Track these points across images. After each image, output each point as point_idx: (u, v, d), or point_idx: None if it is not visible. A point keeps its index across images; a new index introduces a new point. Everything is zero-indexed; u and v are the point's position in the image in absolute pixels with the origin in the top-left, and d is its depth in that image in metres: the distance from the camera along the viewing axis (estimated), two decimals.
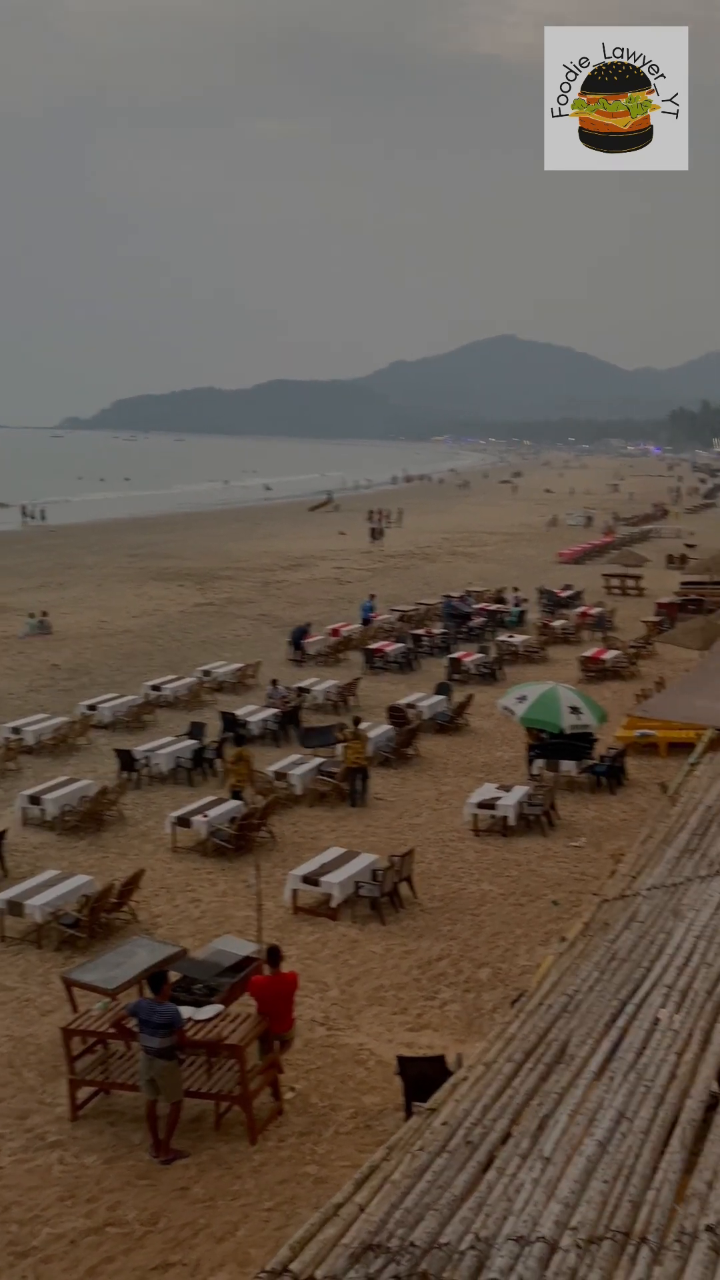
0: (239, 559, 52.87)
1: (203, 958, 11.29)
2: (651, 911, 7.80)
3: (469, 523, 76.05)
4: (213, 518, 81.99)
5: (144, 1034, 9.03)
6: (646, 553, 51.69)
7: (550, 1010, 6.30)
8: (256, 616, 36.89)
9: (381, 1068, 10.25)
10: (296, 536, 65.26)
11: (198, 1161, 9.01)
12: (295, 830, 16.97)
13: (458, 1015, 11.33)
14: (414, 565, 52.39)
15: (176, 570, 48.40)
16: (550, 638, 32.52)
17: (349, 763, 18.15)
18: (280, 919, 13.63)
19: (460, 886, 14.77)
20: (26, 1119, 9.61)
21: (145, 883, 14.26)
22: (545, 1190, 4.23)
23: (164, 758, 19.49)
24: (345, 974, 12.26)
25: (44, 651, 30.75)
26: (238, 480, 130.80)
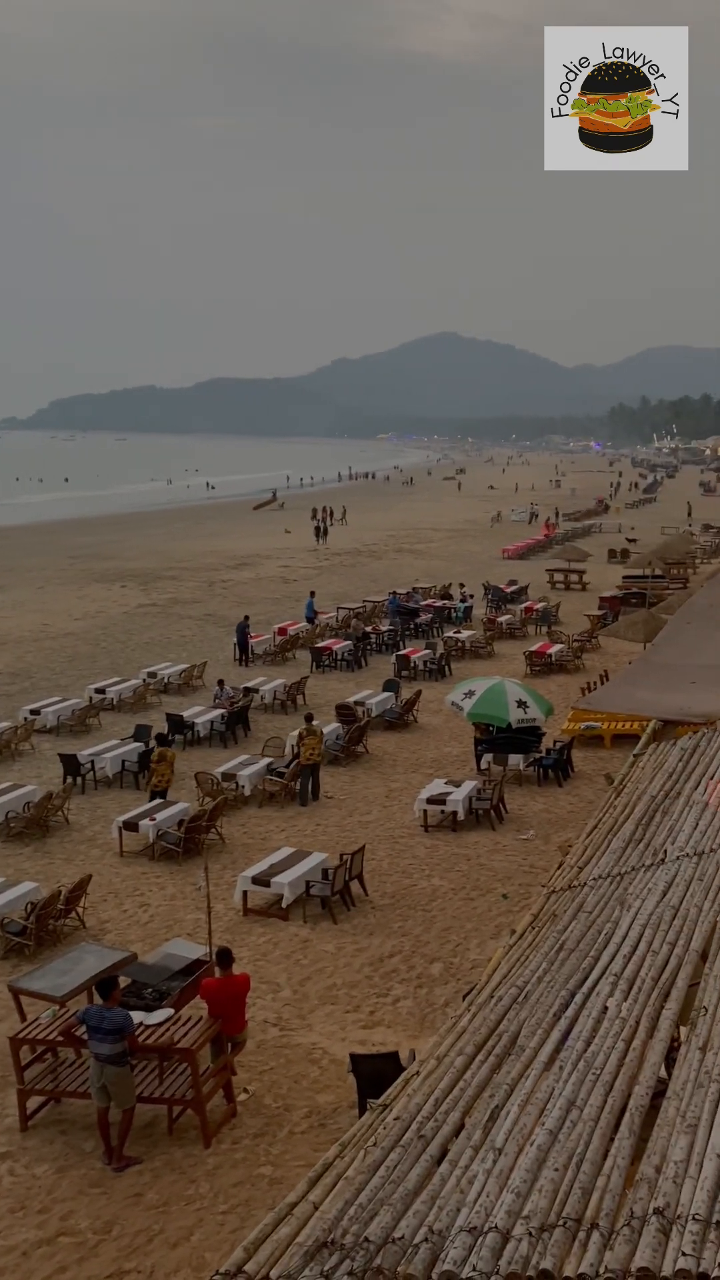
0: (183, 559, 52.50)
1: (152, 962, 11.20)
2: (599, 901, 7.90)
3: (414, 520, 76.33)
4: (156, 517, 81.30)
5: (94, 1041, 8.93)
6: (589, 547, 52.31)
7: (500, 1003, 6.35)
8: (202, 616, 36.66)
9: (335, 1066, 10.25)
10: (241, 535, 64.97)
11: (151, 1167, 8.94)
12: (244, 831, 16.90)
13: (410, 1011, 11.38)
14: (360, 563, 52.45)
15: (119, 571, 47.91)
16: (496, 633, 32.77)
17: (304, 759, 18.13)
18: (231, 921, 13.57)
19: (411, 883, 14.82)
20: None
21: (92, 888, 14.10)
22: (498, 1181, 4.26)
23: (109, 761, 19.29)
24: (297, 974, 12.24)
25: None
26: (181, 479, 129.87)
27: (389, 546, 59.55)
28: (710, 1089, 4.60)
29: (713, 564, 48.16)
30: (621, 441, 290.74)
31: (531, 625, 34.30)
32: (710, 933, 6.54)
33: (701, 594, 26.43)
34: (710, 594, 26.87)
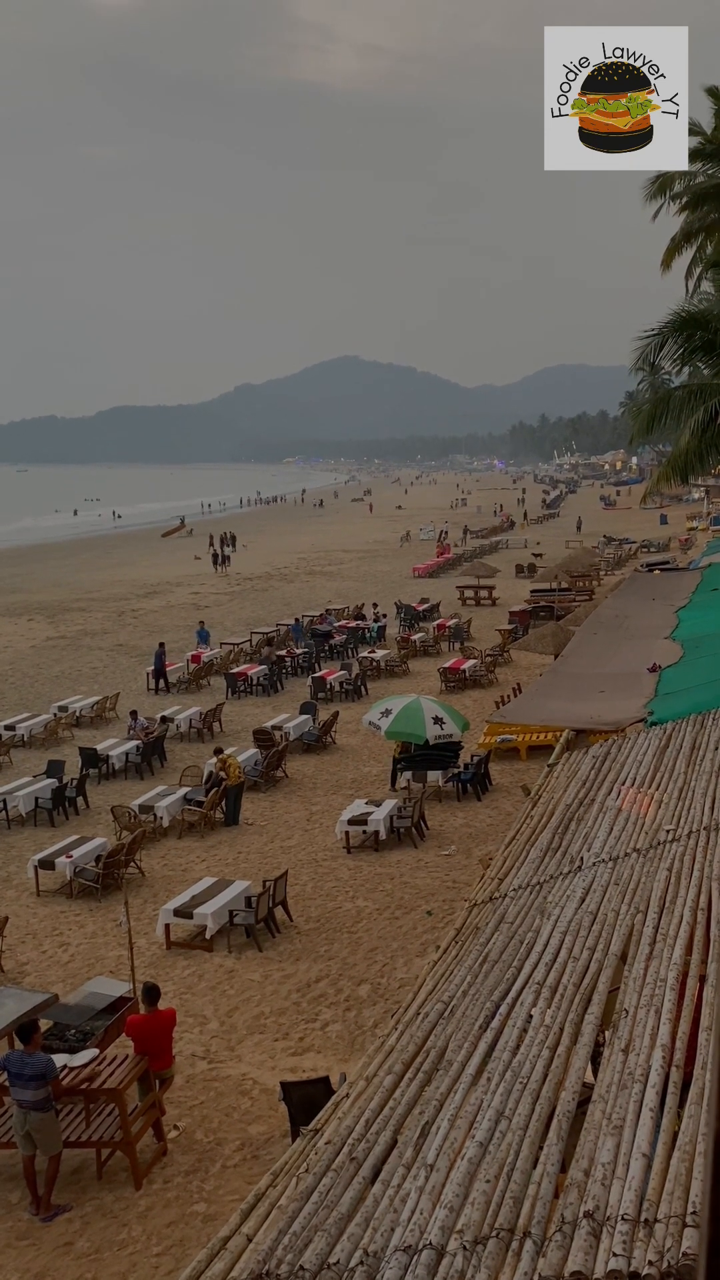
0: (91, 589, 51.71)
1: (75, 1002, 10.95)
2: (519, 911, 8.00)
3: (324, 542, 76.57)
4: (62, 548, 79.93)
5: (15, 1088, 8.67)
6: (496, 563, 53.14)
7: (427, 1019, 6.37)
8: (113, 647, 36.13)
9: (266, 1096, 10.15)
10: (150, 564, 64.31)
11: (81, 1214, 8.71)
12: (165, 863, 16.66)
13: (340, 1035, 11.33)
14: (272, 586, 52.36)
15: (25, 604, 46.94)
16: (411, 651, 33.03)
17: (232, 781, 18.11)
18: (154, 955, 13.35)
19: (335, 905, 14.79)
20: None
21: (9, 930, 13.73)
22: (430, 1197, 4.26)
23: (22, 799, 18.83)
24: (224, 1005, 12.09)
25: None
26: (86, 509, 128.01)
27: (300, 569, 59.60)
28: (633, 1090, 4.69)
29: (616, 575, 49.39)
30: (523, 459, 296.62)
31: (444, 642, 34.67)
32: (628, 936, 6.68)
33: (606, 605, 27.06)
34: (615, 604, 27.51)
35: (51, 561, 68.55)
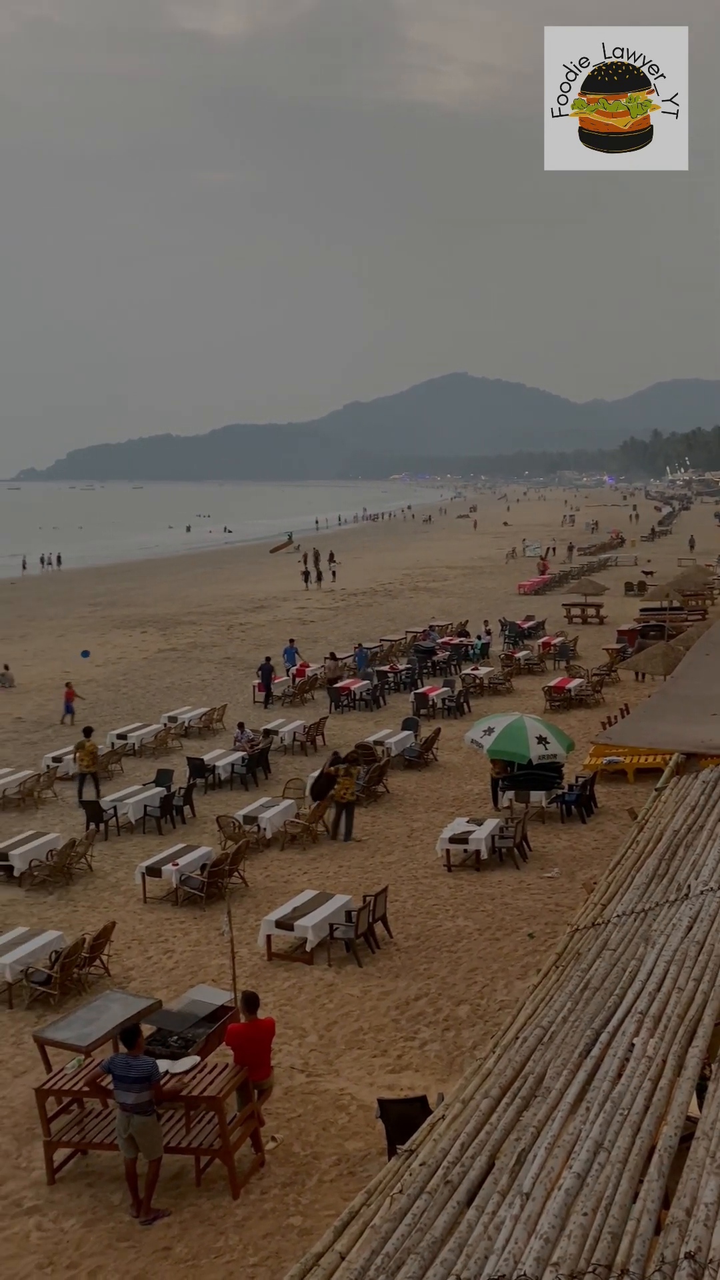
0: (201, 603, 52.81)
1: (178, 1009, 11.14)
2: (623, 938, 7.83)
3: (429, 558, 76.58)
4: (174, 563, 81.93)
5: (119, 1091, 8.87)
6: (605, 581, 52.28)
7: (525, 1043, 6.28)
8: (221, 660, 36.80)
9: (363, 1112, 10.14)
10: (259, 579, 65.34)
11: (180, 1220, 8.84)
12: (267, 874, 16.85)
13: (438, 1054, 11.25)
14: (376, 602, 52.60)
15: (139, 617, 48.23)
16: (515, 669, 32.72)
17: (339, 797, 18.20)
18: (255, 965, 13.50)
19: (435, 924, 14.71)
20: (2, 1185, 9.39)
21: (116, 935, 14.07)
22: (526, 1227, 4.20)
23: (131, 807, 19.31)
24: (323, 1018, 12.14)
25: (6, 705, 30.45)
26: (198, 525, 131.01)
27: (405, 585, 59.72)
28: None
29: None
30: (634, 475, 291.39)
31: (550, 660, 34.24)
32: None
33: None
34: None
35: (164, 576, 70.31)
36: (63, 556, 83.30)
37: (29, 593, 62.50)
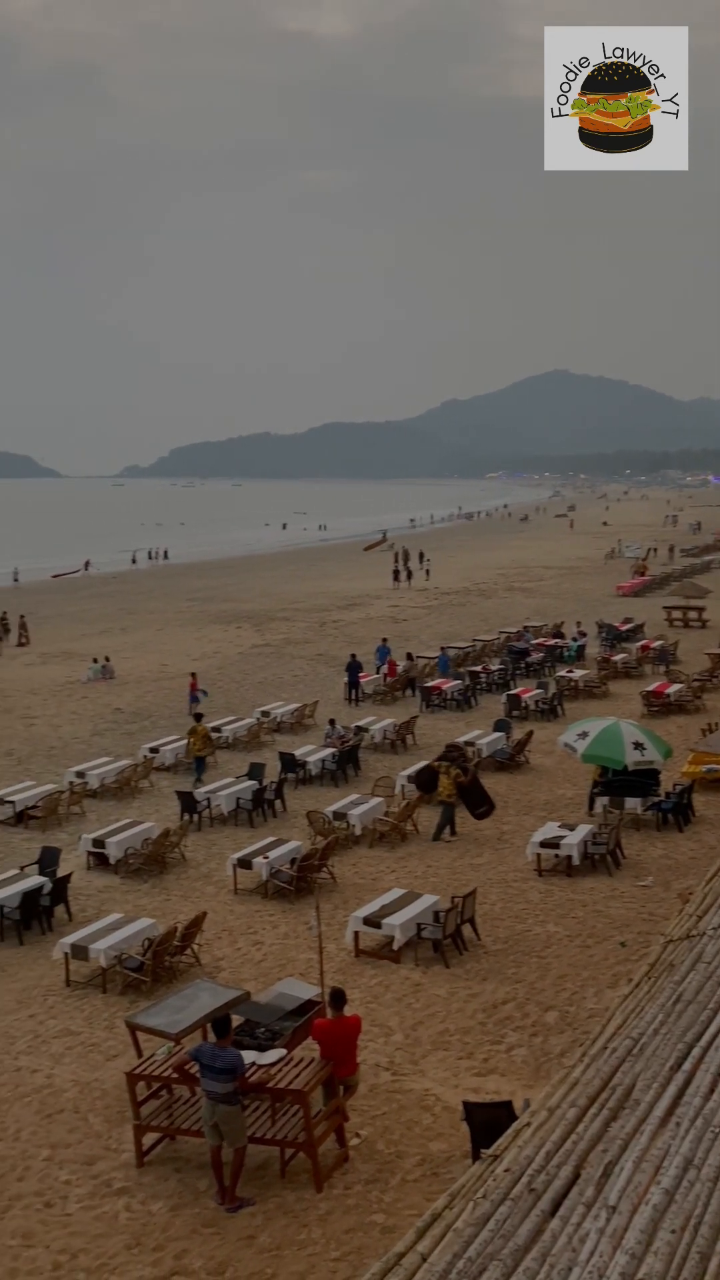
0: (295, 600, 53.28)
1: (266, 1001, 11.26)
2: (719, 952, 7.63)
3: (525, 557, 75.83)
4: (270, 560, 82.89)
5: (207, 1079, 9.02)
6: (709, 584, 50.99)
7: (615, 1054, 6.18)
8: (313, 656, 37.08)
9: (448, 1114, 10.10)
10: (352, 576, 65.61)
11: (264, 1209, 8.94)
12: (355, 871, 16.91)
13: (525, 1060, 11.14)
14: (470, 602, 52.31)
15: (234, 613, 48.93)
16: (611, 672, 32.16)
17: (443, 795, 18.19)
18: (342, 961, 13.57)
19: (525, 928, 14.56)
20: (93, 1165, 9.63)
21: (207, 925, 14.30)
22: (611, 1241, 4.13)
23: (224, 799, 19.61)
24: (409, 1018, 12.13)
25: (107, 696, 31.23)
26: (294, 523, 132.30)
27: (499, 585, 59.25)
28: None
29: None
30: None
31: (648, 664, 33.55)
32: None
33: None
34: None
35: (260, 572, 71.18)
36: (169, 551, 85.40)
37: (131, 586, 64.00)
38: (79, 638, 42.44)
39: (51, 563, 76.68)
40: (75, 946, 13.28)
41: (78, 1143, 9.96)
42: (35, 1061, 11.44)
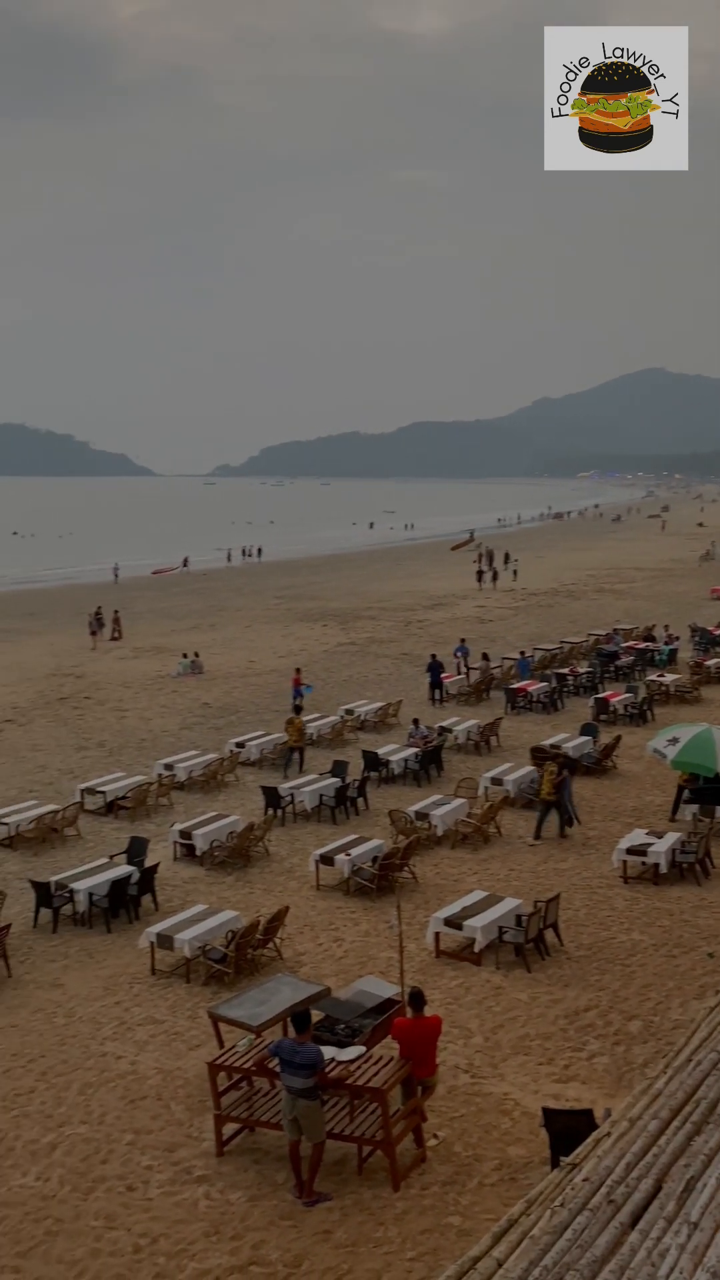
0: (381, 599, 53.36)
1: (345, 998, 11.31)
2: None
3: (616, 559, 74.61)
4: (356, 559, 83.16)
5: (286, 1074, 9.09)
6: None
7: (700, 1066, 6.04)
8: (398, 656, 37.09)
9: (527, 1119, 10.01)
10: (438, 576, 65.42)
11: (340, 1205, 8.98)
12: (437, 872, 16.87)
13: (607, 1069, 10.97)
14: (559, 603, 51.68)
15: (321, 611, 49.24)
16: (704, 677, 31.41)
17: (544, 795, 18.18)
18: (422, 961, 13.54)
19: (609, 935, 14.34)
20: (174, 1152, 9.80)
21: (289, 920, 14.43)
22: (692, 1258, 4.04)
23: (308, 795, 19.75)
24: (489, 1020, 12.05)
25: (196, 690, 31.74)
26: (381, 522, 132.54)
27: (589, 586, 58.40)
28: None
29: None
30: None
31: None
32: None
33: None
34: None
35: (346, 571, 71.48)
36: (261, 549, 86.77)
37: (220, 584, 64.92)
38: (169, 633, 43.24)
39: (149, 560, 78.38)
40: (161, 936, 13.54)
41: (160, 1129, 10.15)
42: (120, 1048, 11.70)
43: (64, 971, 13.71)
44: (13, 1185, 9.35)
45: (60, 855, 17.88)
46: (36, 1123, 10.30)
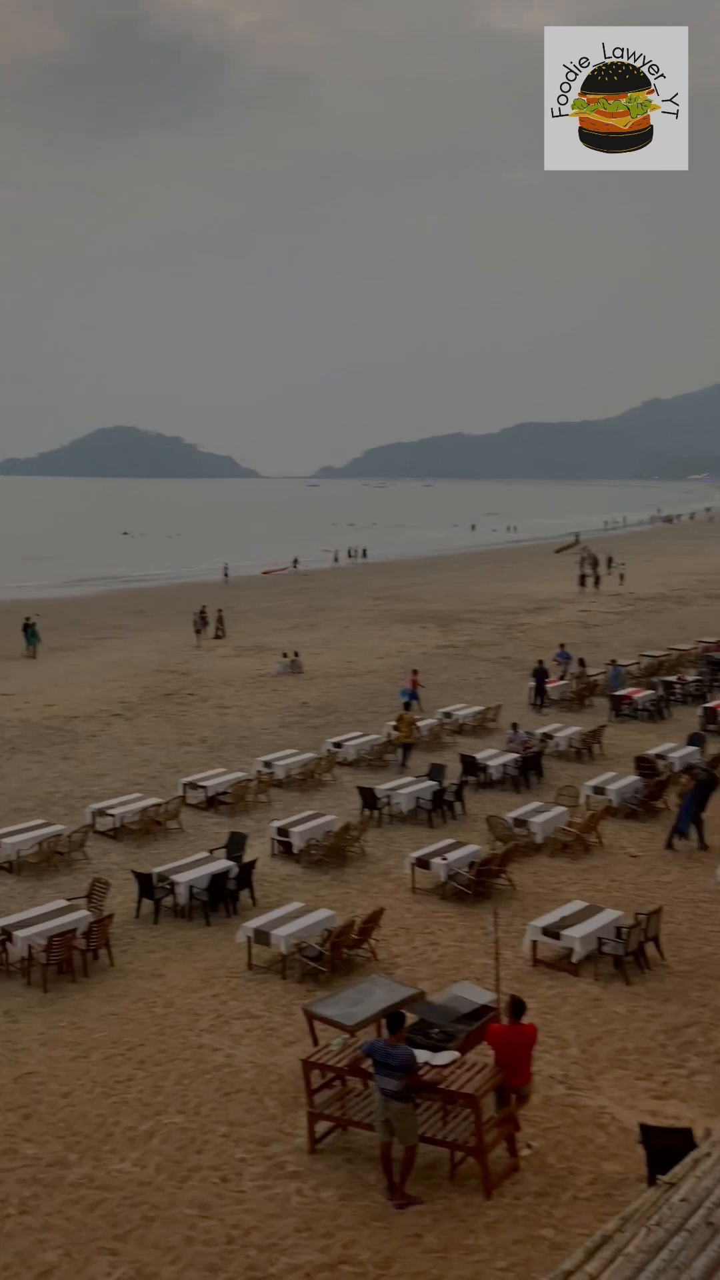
0: (482, 601, 53.02)
1: (440, 1002, 11.27)
2: None
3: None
4: (457, 561, 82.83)
5: (379, 1075, 9.11)
6: None
7: None
8: (498, 659, 36.79)
9: (623, 1134, 9.82)
10: (541, 579, 64.67)
11: (432, 1210, 8.95)
12: (535, 880, 16.66)
13: (708, 1087, 10.67)
14: (666, 609, 50.52)
15: (420, 613, 49.17)
16: None
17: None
18: (519, 970, 13.40)
19: (713, 950, 13.94)
20: (267, 1146, 9.91)
21: (385, 921, 14.44)
22: None
23: (404, 797, 19.74)
24: (586, 1032, 11.86)
25: (295, 689, 32.06)
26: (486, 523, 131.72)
27: (698, 592, 56.92)
28: None
29: None
30: None
31: None
32: None
33: None
34: None
35: (447, 573, 71.25)
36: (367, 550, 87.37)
37: (320, 584, 65.45)
38: (270, 632, 43.78)
39: (257, 560, 79.65)
40: (258, 931, 13.71)
41: (254, 1123, 10.28)
42: (217, 1040, 11.89)
43: (164, 963, 14.01)
44: (111, 1170, 9.59)
45: (162, 848, 18.28)
46: (135, 1110, 10.55)
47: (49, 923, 13.87)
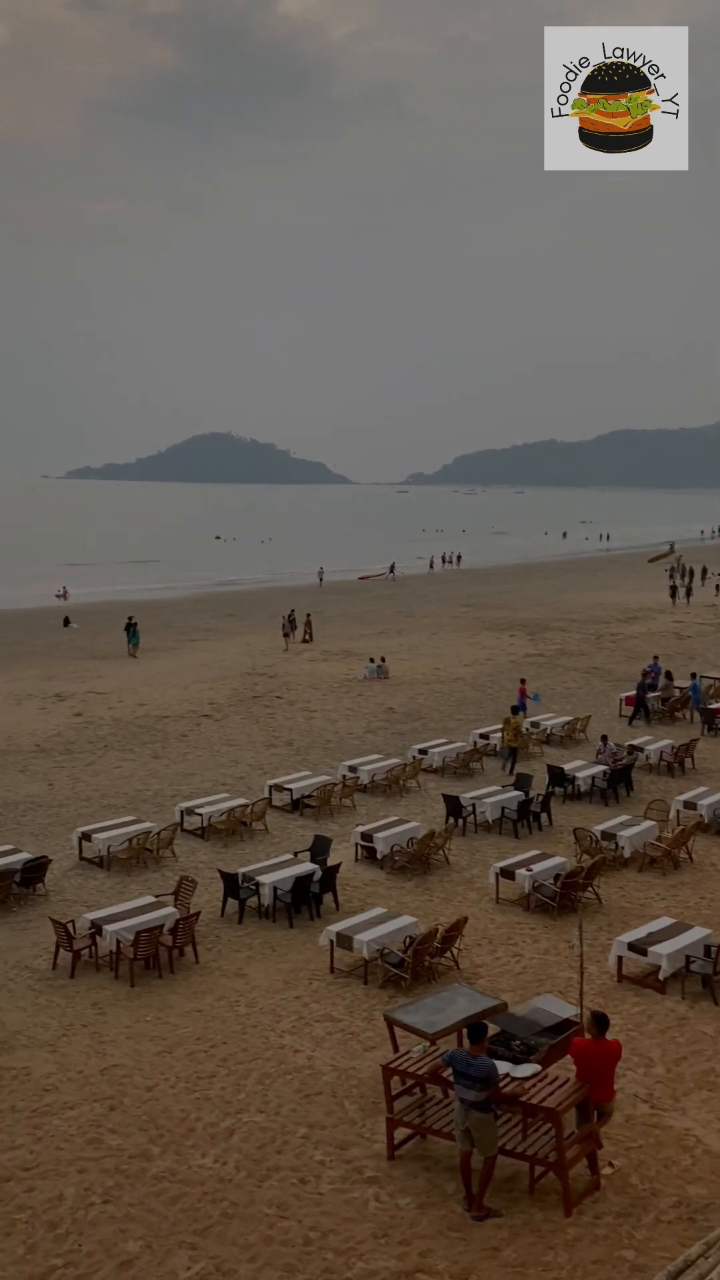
0: (572, 610, 52.34)
1: (522, 1014, 11.16)
2: None
3: None
4: (548, 568, 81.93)
5: (459, 1084, 9.05)
6: None
7: None
8: (588, 669, 36.26)
9: (709, 1158, 9.58)
10: (634, 588, 63.55)
11: (510, 1223, 8.85)
12: (622, 894, 16.37)
13: None
14: None
15: (509, 620, 48.78)
16: None
17: None
18: (603, 985, 13.19)
19: None
20: (346, 1150, 9.94)
21: (468, 930, 14.36)
22: None
23: (490, 806, 19.60)
24: (672, 1051, 11.60)
25: (381, 695, 32.11)
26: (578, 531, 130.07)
27: None
28: None
29: None
30: None
31: None
32: None
33: None
34: None
35: (536, 581, 70.53)
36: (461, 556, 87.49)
37: (409, 590, 65.43)
38: (358, 637, 43.94)
39: (349, 565, 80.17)
40: (340, 935, 13.77)
41: (333, 1126, 10.32)
42: (298, 1042, 11.97)
43: (248, 962, 14.17)
44: (193, 1165, 9.73)
45: (248, 848, 18.50)
46: (216, 1107, 10.68)
47: (137, 918, 14.16)
